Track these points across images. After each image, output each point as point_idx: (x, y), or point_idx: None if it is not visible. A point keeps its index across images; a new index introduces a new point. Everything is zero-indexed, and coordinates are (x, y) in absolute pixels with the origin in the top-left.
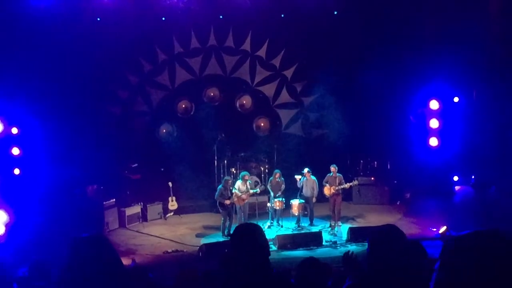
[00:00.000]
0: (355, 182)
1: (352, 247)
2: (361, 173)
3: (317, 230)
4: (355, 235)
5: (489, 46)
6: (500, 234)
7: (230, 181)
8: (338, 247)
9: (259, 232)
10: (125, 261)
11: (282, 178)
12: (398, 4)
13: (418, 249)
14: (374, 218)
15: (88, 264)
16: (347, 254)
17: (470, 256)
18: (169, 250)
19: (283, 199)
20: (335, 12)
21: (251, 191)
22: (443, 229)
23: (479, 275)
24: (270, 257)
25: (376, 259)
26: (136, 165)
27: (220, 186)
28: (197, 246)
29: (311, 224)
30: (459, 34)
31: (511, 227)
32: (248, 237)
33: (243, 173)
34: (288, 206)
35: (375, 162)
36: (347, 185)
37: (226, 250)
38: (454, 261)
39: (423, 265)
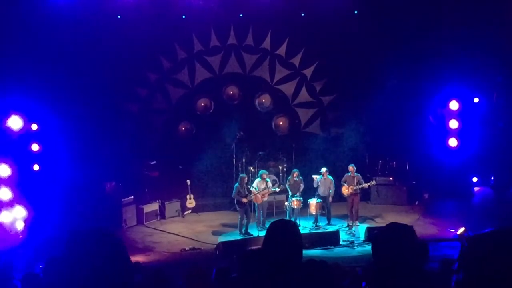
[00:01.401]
0: (373, 182)
1: (370, 247)
2: (380, 173)
3: (335, 230)
4: (372, 235)
5: (509, 47)
6: None
7: (246, 179)
8: (355, 247)
9: (296, 230)
10: (144, 258)
11: (301, 177)
12: (418, 4)
13: (422, 248)
14: (392, 218)
15: (85, 259)
16: None
17: (488, 256)
18: (186, 248)
19: (301, 198)
20: (355, 12)
21: (271, 189)
22: (461, 230)
23: (498, 274)
24: None
25: (380, 258)
26: (154, 162)
27: (236, 184)
28: (214, 244)
29: (329, 223)
30: (479, 35)
31: None
32: (285, 232)
33: (261, 171)
34: (306, 205)
35: (394, 162)
36: (365, 185)
37: (249, 248)
38: (473, 261)
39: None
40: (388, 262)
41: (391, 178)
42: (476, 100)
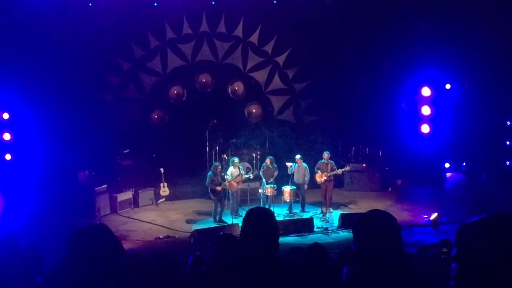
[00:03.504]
0: (347, 168)
1: (344, 233)
2: (353, 160)
3: (309, 217)
4: (346, 221)
5: (481, 33)
6: None
7: (220, 167)
8: (329, 234)
9: (272, 215)
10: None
11: (275, 165)
12: None
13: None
14: (366, 205)
15: (89, 255)
16: None
17: (488, 241)
18: (161, 236)
19: (275, 185)
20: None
21: (244, 176)
22: (434, 215)
23: (499, 258)
24: None
25: (363, 246)
26: (127, 151)
27: (209, 173)
28: (189, 232)
29: (303, 210)
30: (451, 22)
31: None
32: (262, 219)
33: (232, 158)
34: (279, 193)
35: (367, 149)
36: (339, 171)
37: (221, 232)
38: (472, 247)
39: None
40: (370, 248)
41: (364, 165)
42: (448, 86)
